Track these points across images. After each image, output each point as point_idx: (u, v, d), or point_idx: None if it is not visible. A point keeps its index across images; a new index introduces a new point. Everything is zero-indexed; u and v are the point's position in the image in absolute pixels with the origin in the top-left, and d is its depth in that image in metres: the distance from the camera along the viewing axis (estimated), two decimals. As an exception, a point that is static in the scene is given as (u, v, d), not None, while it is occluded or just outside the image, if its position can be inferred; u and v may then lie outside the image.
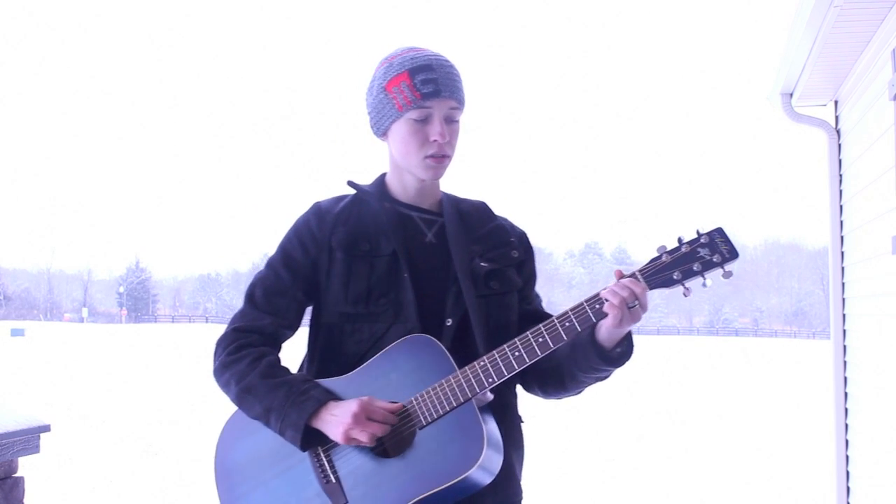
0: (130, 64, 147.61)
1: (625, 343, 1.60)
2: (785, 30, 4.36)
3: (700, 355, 33.94)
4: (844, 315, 5.22)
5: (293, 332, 1.81)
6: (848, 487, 5.15)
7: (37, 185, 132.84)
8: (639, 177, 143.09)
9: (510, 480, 1.70)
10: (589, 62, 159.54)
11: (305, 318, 1.82)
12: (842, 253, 5.23)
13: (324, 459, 1.63)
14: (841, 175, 5.21)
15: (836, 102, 5.24)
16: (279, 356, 1.74)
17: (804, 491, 7.77)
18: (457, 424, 1.54)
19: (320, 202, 1.81)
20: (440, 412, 1.56)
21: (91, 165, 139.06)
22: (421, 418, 1.57)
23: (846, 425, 5.15)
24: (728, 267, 1.48)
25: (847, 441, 5.14)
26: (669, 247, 1.52)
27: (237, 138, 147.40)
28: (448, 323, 1.68)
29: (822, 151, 5.31)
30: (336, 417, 1.57)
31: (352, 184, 1.81)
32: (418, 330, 1.64)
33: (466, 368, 1.56)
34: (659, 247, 1.52)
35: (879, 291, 4.25)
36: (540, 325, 1.55)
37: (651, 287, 1.51)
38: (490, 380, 1.55)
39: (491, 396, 1.61)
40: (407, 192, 1.78)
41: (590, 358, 1.59)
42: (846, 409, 5.17)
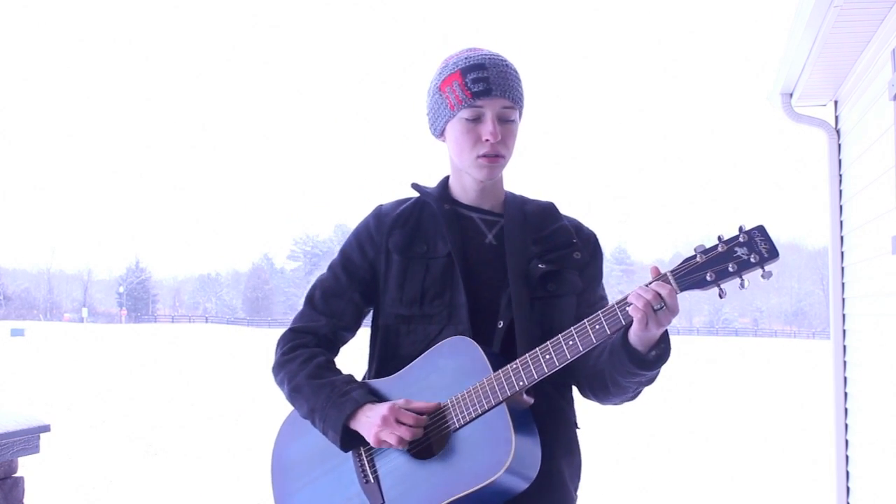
0: (130, 64, 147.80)
1: (661, 346, 1.53)
2: (785, 30, 4.37)
3: (700, 355, 33.92)
4: (844, 315, 5.22)
5: (352, 334, 1.83)
6: (848, 487, 5.15)
7: (37, 185, 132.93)
8: (639, 177, 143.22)
9: (558, 487, 1.67)
10: (588, 62, 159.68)
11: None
12: (842, 253, 5.23)
13: (364, 460, 1.66)
14: (841, 175, 5.21)
15: (836, 102, 5.24)
16: (331, 357, 1.77)
17: (804, 491, 7.77)
18: (488, 428, 1.53)
19: (382, 205, 1.83)
20: (473, 415, 1.55)
21: (91, 165, 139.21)
22: (455, 420, 1.56)
23: (846, 425, 5.15)
24: (767, 267, 1.40)
25: (847, 441, 5.14)
26: (708, 245, 1.44)
27: (237, 138, 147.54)
28: (500, 325, 1.66)
29: (822, 151, 5.31)
30: (369, 420, 1.59)
31: (415, 186, 1.83)
32: (469, 332, 1.64)
33: (500, 371, 1.54)
34: (697, 246, 1.44)
35: (879, 291, 4.25)
36: (571, 328, 1.52)
37: (682, 289, 1.44)
38: (521, 383, 1.52)
39: (531, 400, 1.57)
40: (467, 194, 1.78)
41: (623, 362, 1.54)
42: (846, 409, 5.17)
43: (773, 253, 1.39)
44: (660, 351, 1.53)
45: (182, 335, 44.58)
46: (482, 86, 1.65)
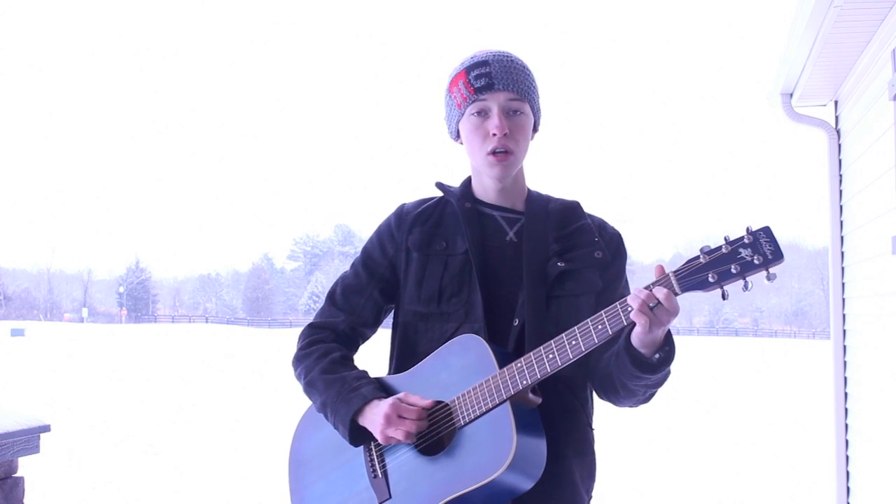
0: (130, 64, 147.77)
1: (664, 349, 1.51)
2: (785, 30, 4.37)
3: (700, 355, 33.92)
4: (844, 315, 5.22)
5: (372, 331, 1.85)
6: (848, 487, 5.15)
7: (37, 185, 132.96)
8: (639, 177, 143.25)
9: (567, 488, 1.66)
10: (588, 62, 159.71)
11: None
12: (842, 253, 5.23)
13: (374, 454, 1.67)
14: (841, 175, 5.20)
15: (836, 102, 5.25)
16: (348, 352, 1.78)
17: (804, 491, 7.77)
18: (491, 426, 1.53)
19: (405, 203, 1.84)
20: (477, 412, 1.55)
21: (91, 165, 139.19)
22: (461, 417, 1.57)
23: (846, 425, 5.15)
24: (771, 269, 1.36)
25: (847, 441, 5.14)
26: (713, 245, 1.41)
27: (237, 138, 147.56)
28: (515, 323, 1.66)
29: (822, 151, 5.31)
30: (375, 416, 1.60)
31: (439, 185, 1.84)
32: (484, 330, 1.64)
33: (504, 369, 1.54)
34: (702, 246, 1.41)
35: (879, 291, 4.25)
36: (574, 328, 1.50)
37: (683, 290, 1.41)
38: (524, 382, 1.52)
39: (538, 400, 1.56)
40: (488, 193, 1.78)
41: (626, 365, 1.53)
42: (846, 409, 5.17)
43: (778, 255, 1.36)
44: (663, 354, 1.51)
45: (182, 335, 44.60)
46: (485, 80, 1.66)
